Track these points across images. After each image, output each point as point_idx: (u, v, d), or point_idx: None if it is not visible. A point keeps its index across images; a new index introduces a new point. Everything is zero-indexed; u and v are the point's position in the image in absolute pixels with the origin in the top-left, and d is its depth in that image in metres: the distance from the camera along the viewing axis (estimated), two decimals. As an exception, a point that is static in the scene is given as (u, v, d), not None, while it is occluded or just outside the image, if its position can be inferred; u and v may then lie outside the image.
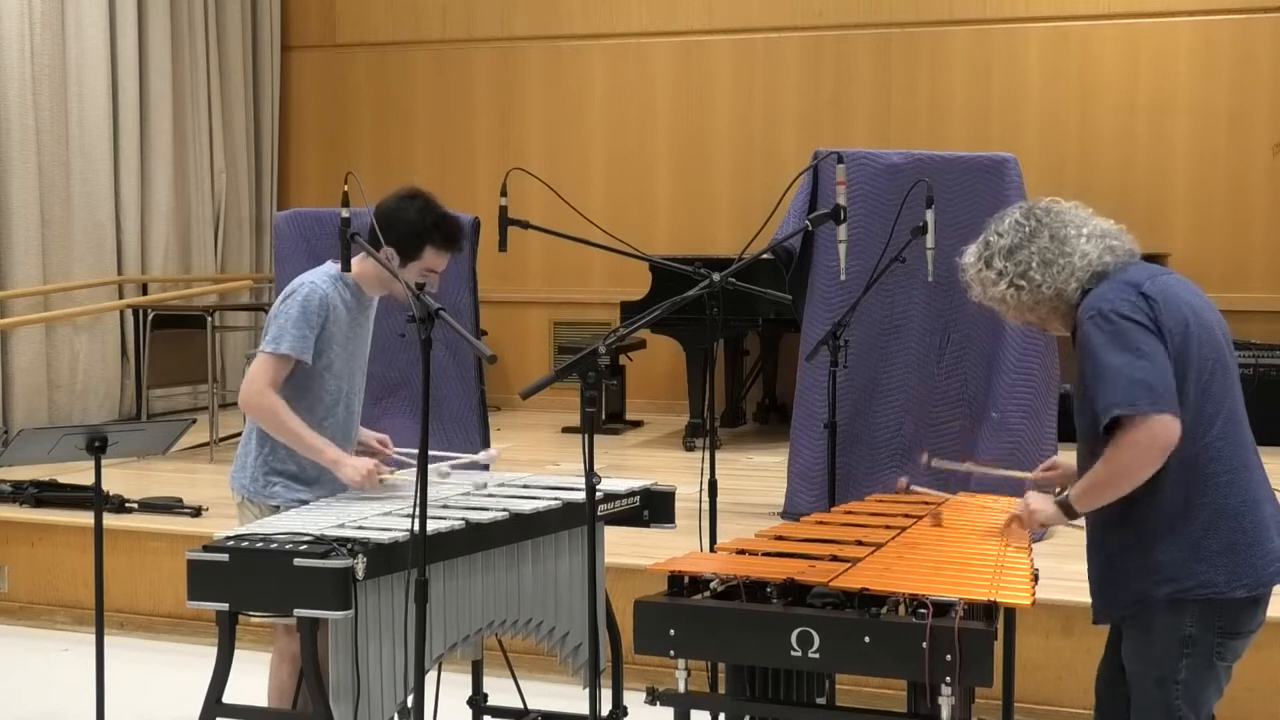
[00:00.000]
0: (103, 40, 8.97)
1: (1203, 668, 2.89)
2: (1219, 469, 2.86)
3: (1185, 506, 2.85)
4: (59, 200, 8.72)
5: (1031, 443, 5.54)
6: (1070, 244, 2.95)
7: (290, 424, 3.65)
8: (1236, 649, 2.92)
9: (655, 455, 8.02)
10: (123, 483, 6.51)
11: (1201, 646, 2.87)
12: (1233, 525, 2.86)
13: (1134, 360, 2.78)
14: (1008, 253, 2.99)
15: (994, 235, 3.04)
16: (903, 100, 9.41)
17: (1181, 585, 2.86)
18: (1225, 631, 2.88)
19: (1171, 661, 2.89)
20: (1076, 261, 2.94)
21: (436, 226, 3.72)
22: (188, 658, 5.47)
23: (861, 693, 4.41)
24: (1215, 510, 2.86)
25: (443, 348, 6.32)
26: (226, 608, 3.15)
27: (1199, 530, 2.85)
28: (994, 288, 3.02)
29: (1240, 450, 2.91)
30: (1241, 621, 2.90)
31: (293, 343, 3.66)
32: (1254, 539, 2.87)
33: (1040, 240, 2.96)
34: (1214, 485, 2.86)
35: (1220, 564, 2.85)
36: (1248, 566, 2.86)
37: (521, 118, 10.22)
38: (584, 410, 3.07)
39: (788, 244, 5.79)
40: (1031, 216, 3.01)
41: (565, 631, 3.76)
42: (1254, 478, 2.92)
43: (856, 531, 3.39)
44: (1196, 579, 2.85)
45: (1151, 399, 2.75)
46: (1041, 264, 2.95)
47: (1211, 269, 8.52)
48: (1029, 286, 2.96)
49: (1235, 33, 8.82)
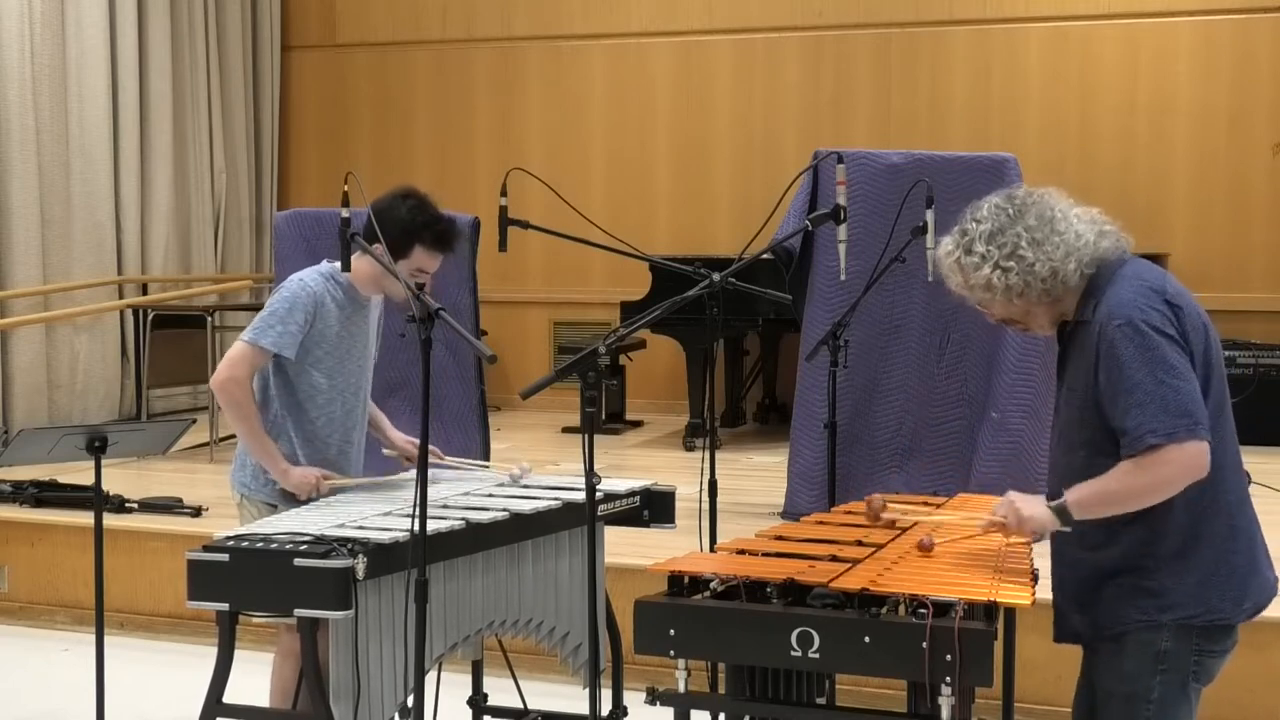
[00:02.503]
0: (103, 40, 8.97)
1: (1177, 686, 2.76)
2: (1229, 488, 2.77)
3: (1196, 533, 2.74)
4: (59, 200, 8.72)
5: (1031, 443, 5.55)
6: (1060, 223, 2.78)
7: (250, 420, 3.71)
8: (1211, 669, 2.81)
9: (655, 455, 8.02)
10: (123, 483, 6.51)
11: (1177, 664, 2.76)
12: (1243, 549, 2.78)
13: (1169, 381, 2.64)
14: (988, 237, 2.79)
15: (971, 223, 2.85)
16: (903, 100, 9.41)
17: (1189, 612, 2.73)
18: (1203, 650, 2.76)
19: (1145, 678, 2.76)
20: (1072, 240, 2.77)
21: (427, 226, 3.72)
22: (188, 658, 5.47)
23: (861, 693, 4.41)
24: (1226, 535, 2.76)
25: (443, 348, 6.32)
26: (226, 608, 3.15)
27: (1211, 558, 2.74)
28: (976, 273, 2.81)
29: (1238, 471, 2.82)
30: (1220, 643, 2.79)
31: (275, 338, 3.67)
32: (1256, 563, 2.81)
33: (1026, 220, 2.78)
34: (1223, 509, 2.76)
35: (1228, 591, 2.75)
36: (1254, 590, 2.79)
37: (521, 118, 10.23)
38: (584, 410, 3.07)
39: (788, 244, 5.80)
40: (1012, 201, 2.83)
41: (565, 631, 3.76)
42: (1247, 497, 2.85)
43: (856, 531, 3.38)
44: (1206, 606, 2.74)
45: (1189, 425, 2.63)
46: (1031, 242, 2.75)
47: (1211, 269, 8.53)
48: (1019, 267, 2.76)
49: (1235, 33, 8.82)
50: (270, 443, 3.75)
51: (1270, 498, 6.45)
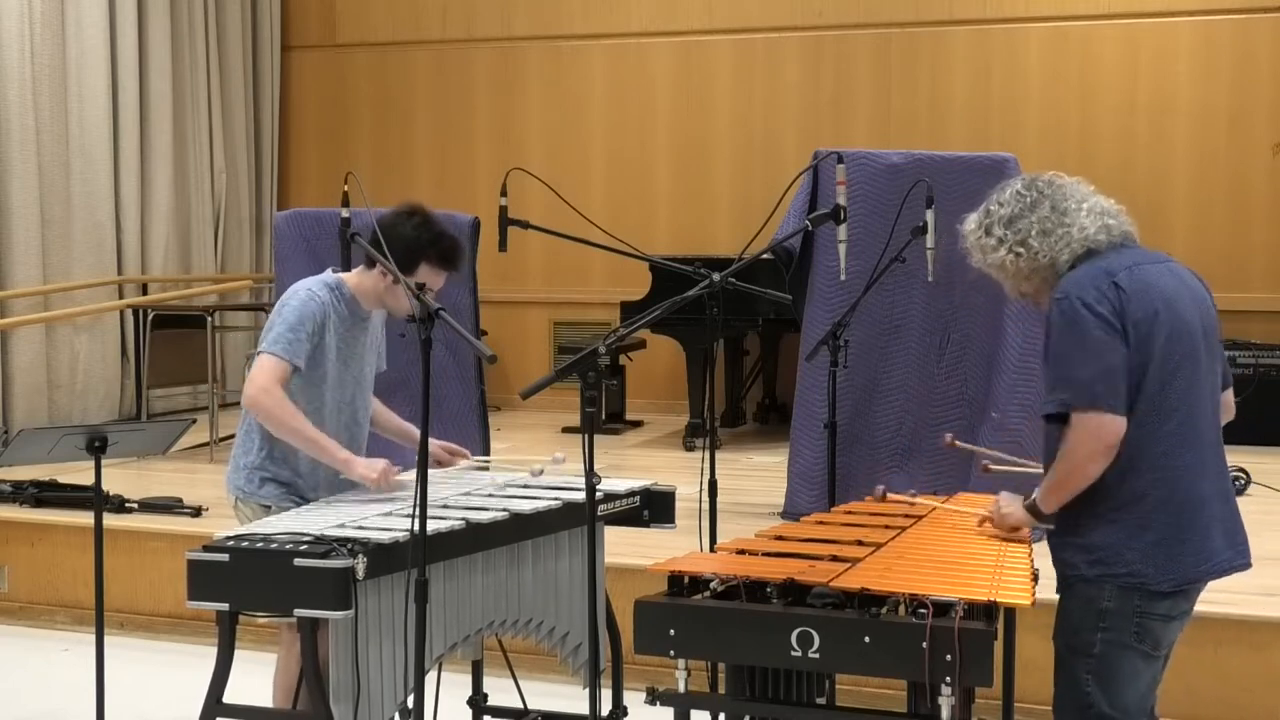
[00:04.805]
0: (103, 40, 8.97)
1: (1118, 646, 2.90)
2: (1170, 463, 2.88)
3: (1128, 495, 2.88)
4: (59, 200, 8.72)
5: (1031, 442, 5.52)
6: (1070, 216, 3.01)
7: (294, 422, 3.62)
8: (1157, 634, 2.93)
9: (655, 455, 8.02)
10: (123, 483, 6.51)
11: (1118, 623, 2.89)
12: (1171, 520, 2.88)
13: (1083, 355, 2.85)
14: (1007, 221, 3.04)
15: (995, 205, 3.10)
16: (903, 100, 9.41)
17: (1110, 569, 2.89)
18: (1144, 613, 2.89)
19: (1086, 634, 2.93)
20: (1074, 234, 3.00)
21: (432, 244, 3.71)
22: (188, 658, 5.47)
23: (861, 693, 4.41)
24: (1157, 502, 2.88)
25: (443, 348, 6.32)
26: (226, 608, 3.15)
27: (1137, 520, 2.88)
28: (993, 254, 3.06)
29: (1195, 446, 2.92)
30: (1162, 607, 2.91)
31: (287, 346, 3.66)
32: (1189, 535, 2.89)
33: (1041, 210, 3.02)
34: (1161, 478, 2.88)
35: (1151, 555, 2.87)
36: (1177, 562, 2.89)
37: (521, 118, 10.22)
38: (584, 410, 3.07)
39: (788, 244, 5.79)
40: (1033, 188, 3.07)
41: (565, 631, 3.76)
42: (1205, 474, 2.93)
43: (856, 531, 3.39)
44: (1127, 567, 2.88)
45: (1089, 397, 2.83)
46: (1040, 233, 3.01)
47: (1211, 269, 8.39)
48: (1026, 254, 3.01)
49: (1235, 33, 8.82)
50: (326, 439, 3.65)
51: (1270, 498, 6.47)
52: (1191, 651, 4.02)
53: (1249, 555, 3.04)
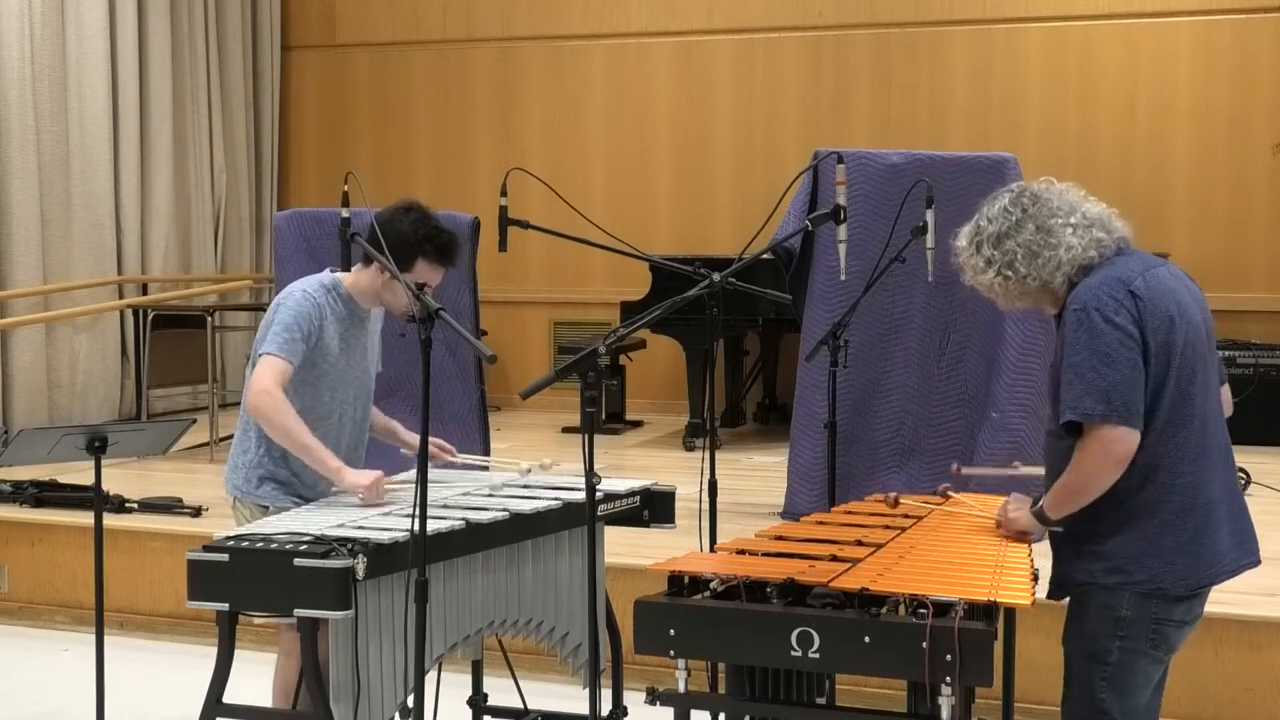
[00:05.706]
0: (103, 40, 8.97)
1: (1134, 653, 2.91)
2: (1188, 469, 2.89)
3: (1148, 502, 2.88)
4: (59, 200, 8.72)
5: (1031, 442, 5.54)
6: (1056, 235, 2.95)
7: (290, 427, 3.61)
8: (1171, 640, 2.94)
9: (655, 455, 8.02)
10: (123, 483, 6.51)
11: (1136, 630, 2.90)
12: (1190, 525, 2.89)
13: (1101, 367, 2.82)
14: (995, 240, 3.00)
15: (985, 220, 3.04)
16: (903, 100, 9.41)
17: (1130, 577, 2.89)
18: (1160, 619, 2.90)
19: (1104, 640, 2.92)
20: (1062, 255, 2.94)
21: (429, 240, 3.70)
22: (188, 658, 5.47)
23: (861, 693, 4.41)
24: (1177, 509, 2.88)
25: (443, 348, 6.32)
26: (226, 608, 3.15)
27: (1156, 526, 2.88)
28: (983, 275, 3.04)
29: (1208, 450, 2.92)
30: (1178, 613, 2.92)
31: (282, 346, 3.65)
32: (1206, 539, 2.90)
33: (1025, 233, 2.97)
34: (1181, 485, 2.88)
35: (1171, 562, 2.88)
36: (1194, 567, 2.90)
37: (521, 118, 10.22)
38: (584, 410, 3.07)
39: (788, 244, 5.79)
40: (1019, 205, 3.01)
41: (565, 631, 3.76)
42: (1216, 478, 2.94)
43: (856, 531, 3.39)
44: (1146, 572, 2.88)
45: (1107, 411, 2.81)
46: (1027, 256, 2.97)
47: (1211, 269, 8.51)
48: (1015, 277, 2.98)
49: (1235, 33, 8.82)
50: (320, 447, 3.62)
51: (1270, 498, 6.46)
52: (1192, 651, 4.02)
53: (1258, 552, 3.04)
